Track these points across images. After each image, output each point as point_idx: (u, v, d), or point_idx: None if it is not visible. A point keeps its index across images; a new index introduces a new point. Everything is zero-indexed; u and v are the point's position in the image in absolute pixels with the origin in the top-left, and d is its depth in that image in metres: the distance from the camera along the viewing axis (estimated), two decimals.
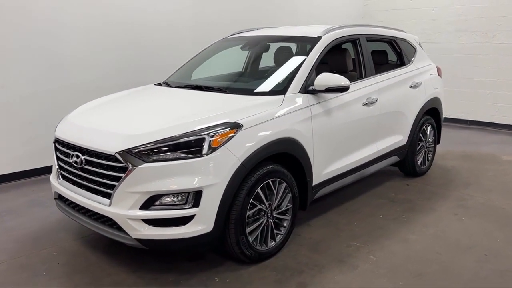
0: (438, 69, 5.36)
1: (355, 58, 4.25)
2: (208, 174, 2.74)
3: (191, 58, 4.59)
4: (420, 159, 5.07)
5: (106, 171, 2.84)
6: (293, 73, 3.56)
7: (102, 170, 2.86)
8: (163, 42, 6.04)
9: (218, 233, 2.86)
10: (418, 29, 8.59)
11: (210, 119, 2.92)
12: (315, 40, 3.84)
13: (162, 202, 2.74)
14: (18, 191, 4.75)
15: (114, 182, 2.79)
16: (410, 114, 4.73)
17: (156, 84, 4.18)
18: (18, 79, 4.92)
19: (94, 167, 2.91)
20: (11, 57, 4.83)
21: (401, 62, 4.88)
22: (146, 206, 2.73)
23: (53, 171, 3.42)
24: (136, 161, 2.71)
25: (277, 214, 3.25)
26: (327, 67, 4.59)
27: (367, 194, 4.60)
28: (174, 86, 3.94)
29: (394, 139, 4.56)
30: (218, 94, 3.51)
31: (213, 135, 2.78)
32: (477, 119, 8.15)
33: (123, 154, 2.74)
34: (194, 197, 2.73)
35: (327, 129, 3.59)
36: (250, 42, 4.39)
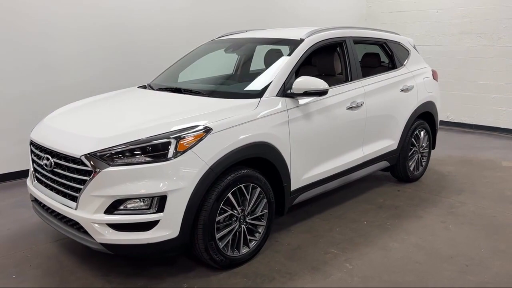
0: (433, 72, 5.24)
1: (341, 61, 4.17)
2: (173, 178, 2.69)
3: (178, 60, 4.56)
4: (412, 165, 4.95)
5: (73, 174, 2.82)
6: (271, 76, 3.50)
7: (70, 173, 2.84)
8: (157, 42, 6.04)
9: (185, 238, 2.81)
10: (422, 31, 8.45)
11: (179, 122, 2.88)
12: (297, 42, 3.78)
13: (126, 206, 2.70)
14: (6, 192, 4.78)
15: (80, 186, 2.77)
16: (401, 118, 4.63)
17: (140, 86, 4.16)
18: (8, 80, 4.95)
19: (63, 170, 2.90)
20: (2, 58, 4.87)
21: (392, 65, 4.78)
22: (110, 210, 2.70)
23: (29, 174, 3.43)
24: (101, 164, 2.68)
25: (251, 220, 3.19)
26: (315, 70, 4.55)
27: (355, 199, 4.51)
28: (156, 89, 3.92)
29: (383, 144, 4.46)
30: (195, 97, 3.47)
31: (179, 139, 2.74)
32: (481, 124, 7.96)
33: (89, 157, 2.71)
34: (159, 202, 2.69)
35: (306, 133, 3.52)
36: (234, 45, 4.35)
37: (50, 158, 2.97)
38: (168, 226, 2.73)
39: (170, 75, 4.38)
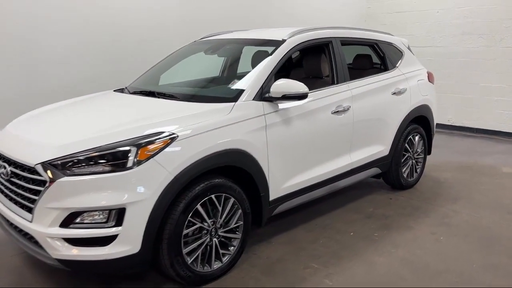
0: (429, 74, 5.01)
1: (327, 63, 3.96)
2: (132, 189, 2.50)
3: (159, 62, 4.37)
4: (406, 171, 4.72)
5: (29, 184, 2.63)
6: (249, 79, 3.30)
7: (26, 183, 2.66)
8: (146, 44, 5.84)
9: (147, 254, 2.61)
10: (422, 32, 8.21)
11: (143, 129, 2.69)
12: (278, 43, 3.57)
13: (83, 219, 2.51)
14: None
15: (36, 197, 2.58)
16: (393, 122, 4.40)
17: (117, 89, 3.97)
18: None
19: (19, 180, 2.71)
20: None
21: (384, 67, 4.56)
22: (66, 223, 2.51)
23: None
24: (55, 174, 2.50)
25: (224, 233, 2.99)
26: (302, 72, 4.35)
27: (344, 208, 4.29)
28: (131, 92, 3.73)
29: (373, 150, 4.24)
30: (167, 102, 3.28)
31: (140, 147, 2.55)
32: (483, 127, 7.70)
33: (43, 166, 2.53)
34: (117, 215, 2.49)
35: (286, 139, 3.31)
36: (214, 46, 4.15)
37: (7, 166, 2.79)
38: (127, 241, 2.53)
39: (150, 78, 4.18)
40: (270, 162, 3.20)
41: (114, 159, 2.51)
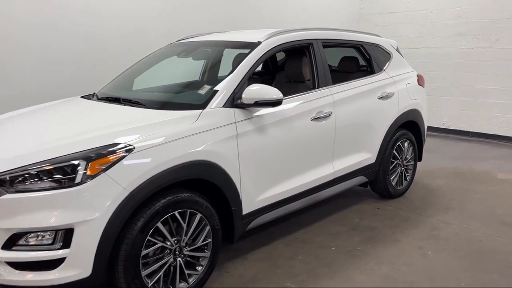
0: (419, 77, 4.78)
1: (308, 66, 3.73)
2: (81, 208, 2.27)
3: (132, 65, 4.13)
4: (395, 179, 4.49)
5: None
6: (219, 84, 3.07)
7: None
8: (124, 48, 5.61)
9: (99, 278, 2.38)
10: (416, 33, 7.99)
11: (97, 140, 2.46)
12: (253, 46, 3.35)
13: (27, 241, 2.28)
14: None
15: None
16: (379, 128, 4.17)
17: (84, 95, 3.73)
18: None
19: None
20: None
21: (370, 70, 4.33)
22: (8, 245, 2.28)
23: None
24: None
25: (190, 251, 2.75)
26: (284, 76, 4.14)
27: (328, 219, 4.05)
28: (98, 98, 3.49)
29: (358, 157, 4.01)
30: (131, 109, 3.04)
31: (90, 160, 2.32)
32: (479, 131, 7.47)
33: None
34: (64, 236, 2.27)
35: (260, 149, 3.09)
36: (188, 49, 3.91)
37: None
38: (76, 264, 2.30)
39: (123, 82, 3.94)
40: (242, 173, 2.97)
41: (61, 174, 2.29)
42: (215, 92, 2.99)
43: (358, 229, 3.85)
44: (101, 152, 2.36)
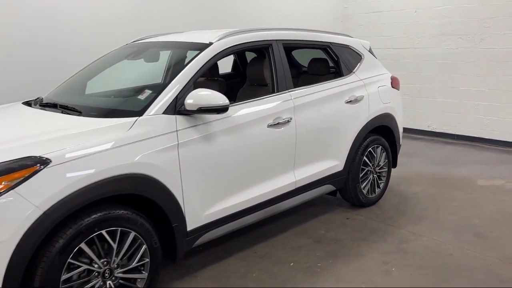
0: (393, 79, 4.54)
1: (266, 69, 3.50)
2: None
3: (85, 67, 3.88)
4: (366, 187, 4.25)
5: None
6: (160, 89, 2.83)
7: None
8: (91, 54, 5.34)
9: None
10: (400, 32, 7.76)
11: (9, 152, 2.21)
12: (203, 47, 3.11)
13: None
14: None
15: None
16: (347, 134, 3.93)
17: (25, 101, 3.44)
18: None
19: None
20: None
21: (338, 73, 4.10)
22: None
23: None
24: None
25: (123, 273, 2.51)
26: (239, 80, 3.90)
27: (292, 231, 3.82)
28: (39, 104, 3.24)
29: (323, 165, 3.77)
30: (63, 117, 2.80)
31: None
32: (464, 134, 7.22)
33: None
34: None
35: (207, 159, 2.85)
36: (138, 50, 3.67)
37: None
38: None
39: (75, 86, 3.68)
40: (185, 187, 2.73)
41: None
42: (156, 97, 2.75)
43: (322, 242, 3.61)
44: (10, 166, 2.12)
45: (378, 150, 4.32)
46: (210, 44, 3.13)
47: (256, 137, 3.16)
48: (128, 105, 2.97)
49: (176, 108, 2.76)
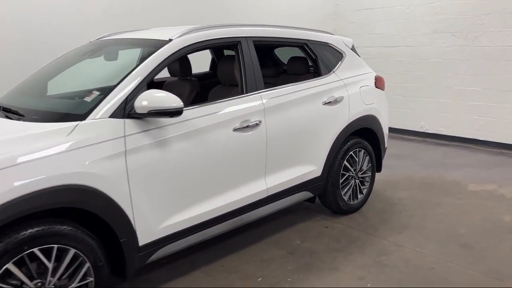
0: (377, 79, 4.28)
1: (236, 68, 3.25)
2: None
3: (46, 65, 3.62)
4: (348, 193, 4.00)
5: None
6: (109, 90, 2.58)
7: None
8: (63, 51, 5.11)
9: None
10: (391, 30, 7.49)
11: None
12: (162, 44, 2.86)
13: None
14: None
15: None
16: (325, 137, 3.68)
17: None
18: None
19: None
20: None
21: (316, 72, 3.84)
22: None
23: None
24: None
25: None
26: (216, 80, 3.66)
27: (265, 241, 3.57)
28: None
29: (299, 171, 3.52)
30: (2, 120, 2.56)
31: None
32: (458, 135, 6.95)
33: None
34: None
35: (161, 167, 2.60)
36: (97, 48, 3.42)
37: None
38: None
39: (34, 86, 3.43)
40: (134, 199, 2.48)
41: None
42: (103, 99, 2.51)
43: (295, 253, 3.36)
44: None
45: (361, 153, 4.06)
46: (170, 41, 2.89)
47: (219, 142, 2.91)
48: (72, 108, 2.71)
49: (125, 111, 2.51)
